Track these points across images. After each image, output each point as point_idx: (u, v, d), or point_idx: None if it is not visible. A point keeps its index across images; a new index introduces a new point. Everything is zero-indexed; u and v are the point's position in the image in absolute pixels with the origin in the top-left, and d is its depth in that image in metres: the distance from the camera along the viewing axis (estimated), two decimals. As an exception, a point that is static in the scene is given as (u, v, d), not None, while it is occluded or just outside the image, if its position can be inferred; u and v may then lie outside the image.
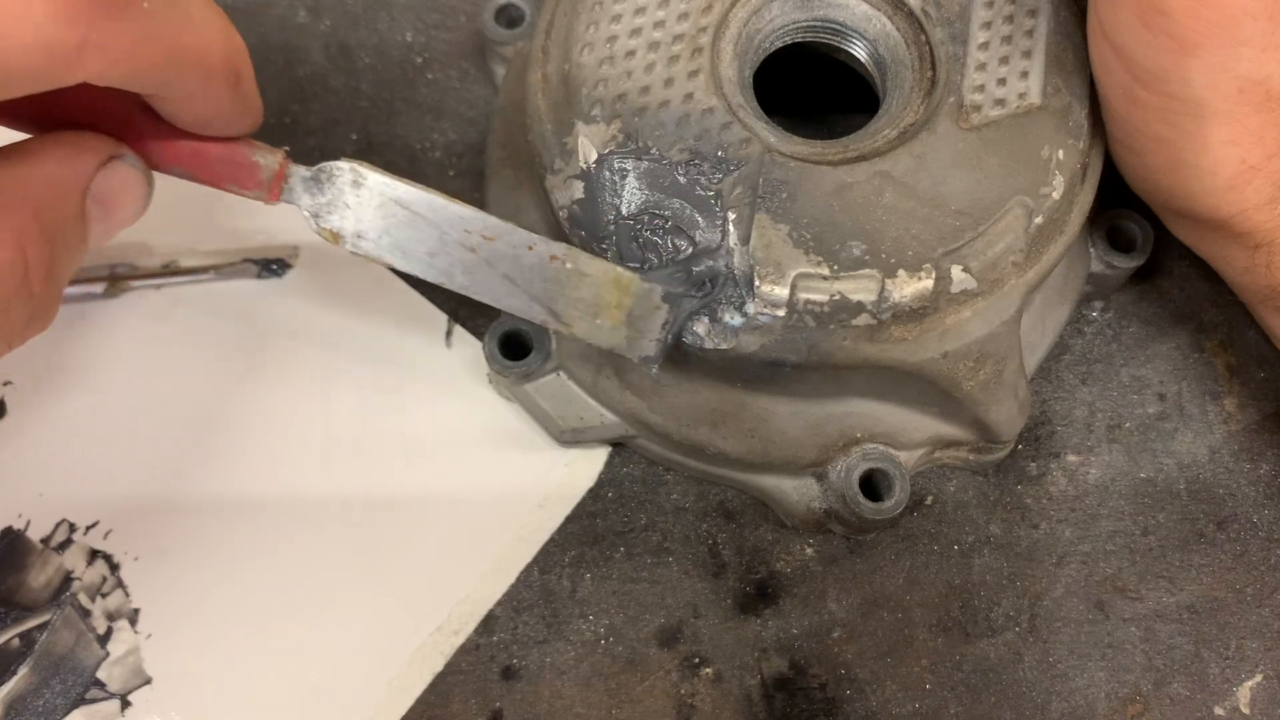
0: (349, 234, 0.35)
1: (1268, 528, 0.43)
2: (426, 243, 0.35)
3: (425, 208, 0.35)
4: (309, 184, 0.34)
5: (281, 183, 0.34)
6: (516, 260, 0.36)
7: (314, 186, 0.34)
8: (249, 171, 0.34)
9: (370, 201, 0.34)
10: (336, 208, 0.35)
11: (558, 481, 0.43)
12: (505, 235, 0.35)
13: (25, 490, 0.42)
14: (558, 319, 0.36)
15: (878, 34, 0.41)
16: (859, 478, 0.39)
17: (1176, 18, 0.33)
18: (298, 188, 0.34)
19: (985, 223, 0.36)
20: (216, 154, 0.33)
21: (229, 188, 0.34)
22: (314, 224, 0.35)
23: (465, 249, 0.35)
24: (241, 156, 0.33)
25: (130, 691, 0.40)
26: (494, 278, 0.36)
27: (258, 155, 0.34)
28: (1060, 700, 0.40)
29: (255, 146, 0.34)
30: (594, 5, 0.39)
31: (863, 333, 0.36)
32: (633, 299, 0.36)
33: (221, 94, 0.31)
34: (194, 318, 0.45)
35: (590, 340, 0.37)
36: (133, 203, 0.32)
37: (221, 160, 0.33)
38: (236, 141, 0.33)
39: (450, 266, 0.35)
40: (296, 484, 0.43)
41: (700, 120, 0.37)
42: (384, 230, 0.35)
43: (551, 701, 0.40)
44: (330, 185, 0.34)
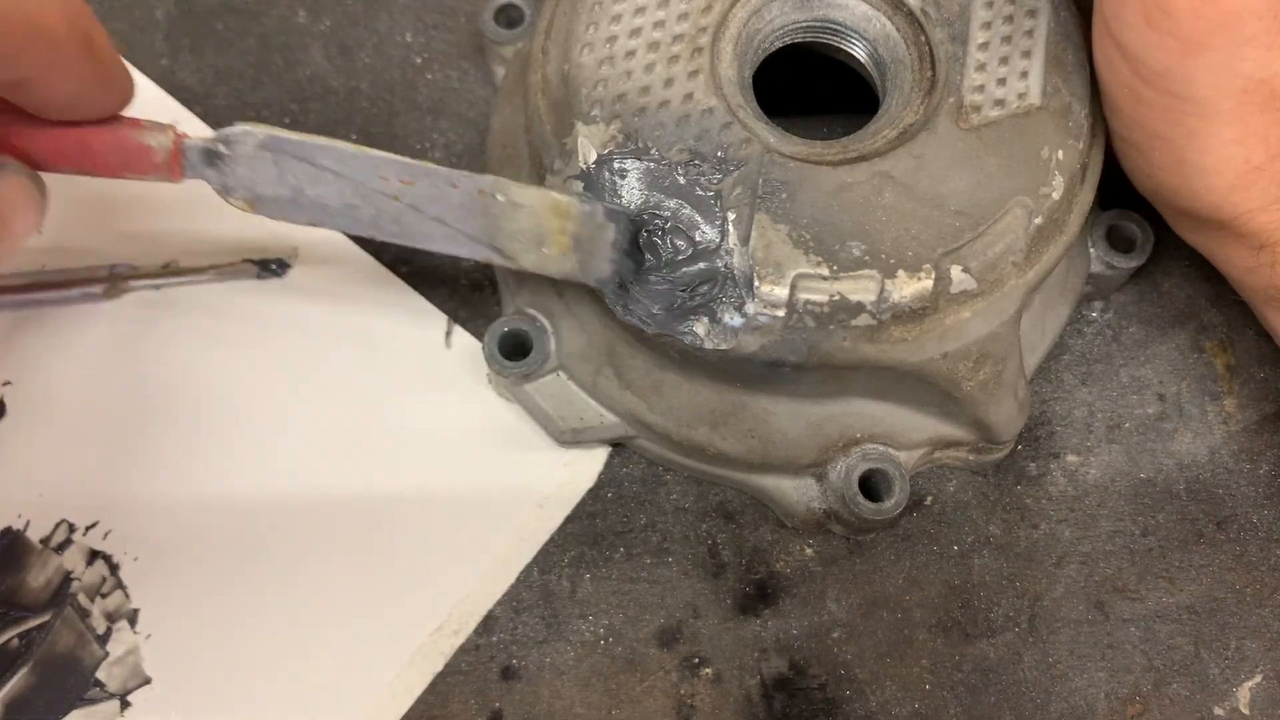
0: (264, 202, 0.33)
1: (1268, 528, 0.43)
2: (345, 197, 0.33)
3: (335, 161, 0.33)
4: (210, 157, 0.32)
5: (180, 160, 0.32)
6: (444, 200, 0.34)
7: (215, 158, 0.32)
8: (141, 155, 0.32)
9: (277, 163, 0.32)
10: (243, 175, 0.33)
11: (558, 481, 0.43)
12: (425, 176, 0.34)
13: (25, 490, 0.42)
14: (501, 254, 0.35)
15: (877, 34, 0.41)
16: (859, 478, 0.39)
17: (1181, 17, 0.33)
18: (198, 162, 0.32)
19: (985, 223, 0.36)
20: (102, 142, 0.31)
21: (127, 175, 0.32)
22: (223, 197, 0.33)
23: (387, 197, 0.33)
24: (128, 140, 0.31)
25: (130, 692, 0.40)
26: (425, 222, 0.34)
27: (146, 137, 0.31)
28: (1060, 700, 0.40)
29: (142, 127, 0.32)
30: (594, 5, 0.39)
31: (862, 333, 0.36)
32: (575, 222, 0.35)
33: (76, 64, 0.28)
34: (193, 318, 0.45)
35: (541, 271, 0.35)
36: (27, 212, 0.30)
37: (109, 148, 0.31)
38: (119, 124, 0.31)
39: (376, 218, 0.34)
40: (296, 484, 0.43)
41: (700, 120, 0.37)
42: (297, 190, 0.33)
43: (551, 702, 0.40)
44: (233, 155, 0.32)
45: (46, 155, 0.31)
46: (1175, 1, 0.33)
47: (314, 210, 0.33)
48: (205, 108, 0.49)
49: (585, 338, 0.41)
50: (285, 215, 0.33)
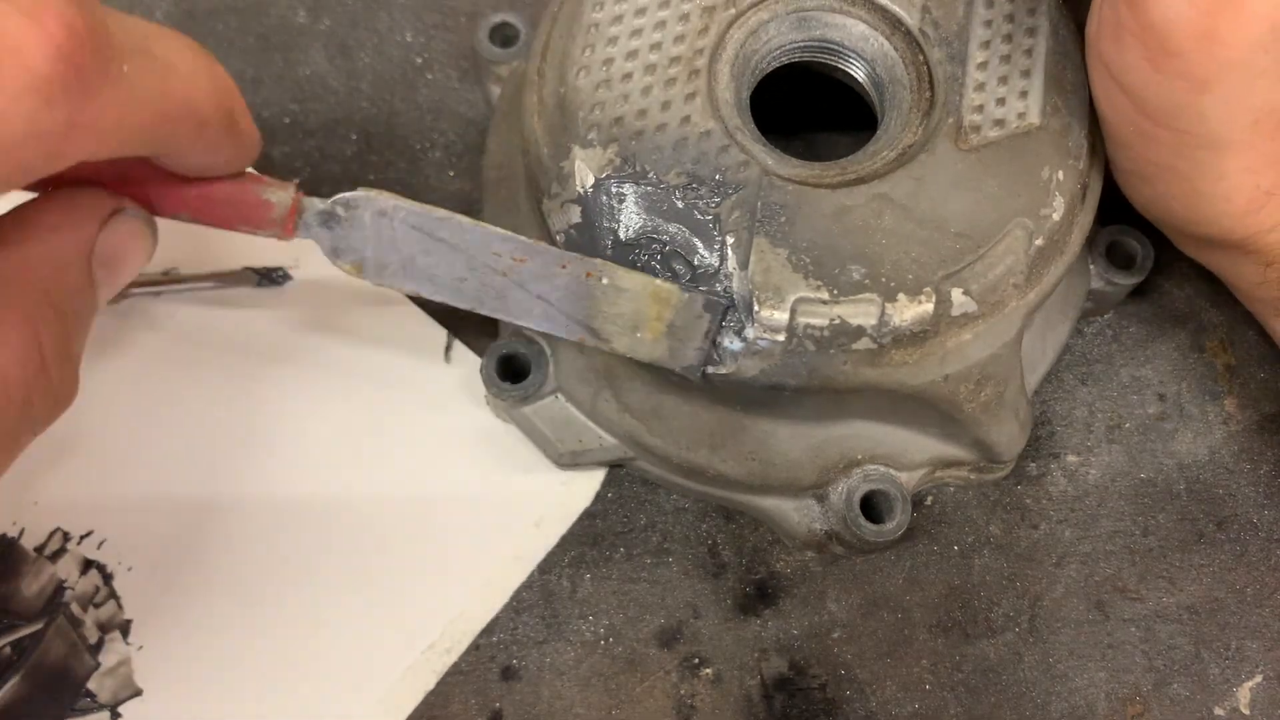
0: (371, 266, 0.33)
1: (1268, 528, 0.43)
2: (455, 269, 0.33)
3: (451, 233, 0.33)
4: (325, 217, 0.33)
5: (295, 218, 0.32)
6: (550, 280, 0.34)
7: (331, 220, 0.33)
8: (260, 211, 0.32)
9: (392, 231, 0.33)
10: (356, 239, 0.33)
11: (554, 500, 0.43)
12: (536, 256, 0.34)
13: (20, 497, 0.42)
14: (596, 336, 0.35)
15: (875, 54, 0.41)
16: (860, 499, 0.39)
17: (1188, 57, 0.32)
18: (313, 222, 0.33)
19: (985, 245, 0.36)
20: (223, 195, 0.31)
21: (241, 228, 0.32)
22: (331, 259, 0.33)
23: (495, 273, 0.34)
24: (250, 196, 0.32)
25: (120, 703, 0.39)
26: (527, 300, 0.34)
27: (267, 193, 0.32)
28: (1060, 700, 0.40)
29: (264, 183, 0.32)
30: (589, 28, 0.39)
31: (863, 357, 0.36)
32: (673, 311, 0.35)
33: (219, 139, 0.29)
34: (193, 326, 0.45)
35: (631, 355, 0.36)
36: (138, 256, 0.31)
37: (229, 202, 0.31)
38: (243, 180, 0.32)
39: (480, 292, 0.34)
40: (292, 499, 0.42)
41: (697, 143, 0.37)
42: (408, 259, 0.33)
43: (551, 702, 0.40)
44: (349, 218, 0.33)
45: (166, 203, 0.31)
46: (1181, 42, 0.32)
47: (421, 279, 0.34)
48: (205, 108, 0.49)
49: (584, 360, 0.40)
50: (390, 281, 0.33)
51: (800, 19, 0.41)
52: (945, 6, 0.40)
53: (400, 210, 0.33)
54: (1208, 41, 0.32)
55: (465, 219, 0.33)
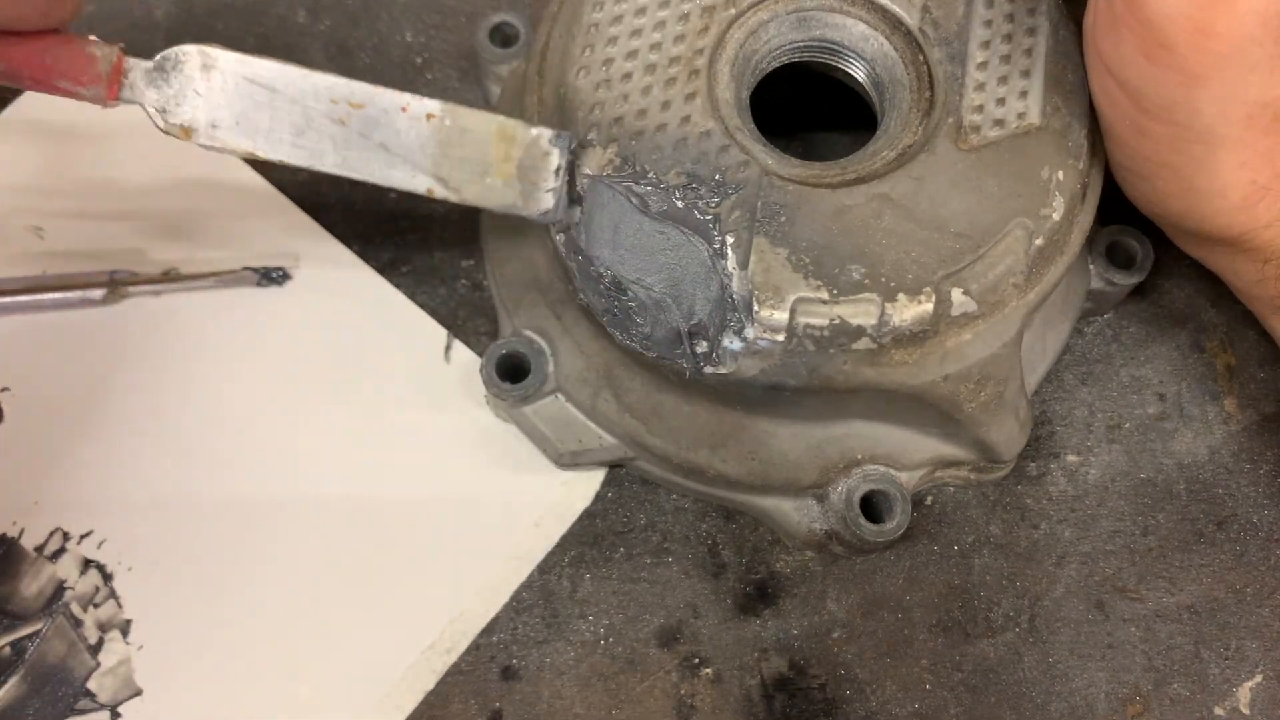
0: (202, 125, 0.32)
1: (1268, 528, 0.43)
2: (290, 122, 0.32)
3: (284, 83, 0.32)
4: (152, 76, 0.31)
5: (120, 78, 0.31)
6: (391, 126, 0.33)
7: (158, 78, 0.31)
8: (83, 65, 0.31)
9: (223, 85, 0.32)
10: (185, 98, 0.32)
11: (554, 501, 0.43)
12: (375, 99, 0.33)
13: (20, 497, 0.42)
14: (445, 185, 0.34)
15: (875, 54, 0.41)
16: (860, 499, 0.39)
17: (1182, 51, 0.33)
18: (139, 82, 0.31)
19: (985, 245, 0.36)
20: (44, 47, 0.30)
21: (61, 85, 0.31)
22: (161, 120, 0.32)
23: (333, 122, 0.33)
24: (74, 49, 0.30)
25: (120, 703, 0.39)
26: (369, 150, 0.33)
27: (91, 48, 0.31)
28: (1060, 700, 0.40)
29: (88, 40, 0.31)
30: (589, 28, 0.39)
31: (863, 356, 0.36)
32: (520, 148, 0.34)
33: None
34: (193, 326, 0.45)
35: (483, 204, 0.35)
36: None
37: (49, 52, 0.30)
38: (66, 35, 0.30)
39: (319, 144, 0.33)
40: (291, 498, 0.43)
41: (697, 143, 0.37)
42: (241, 115, 0.32)
43: (551, 701, 0.40)
44: (177, 74, 0.31)
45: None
46: (1175, 36, 0.32)
47: (255, 136, 0.32)
48: (205, 108, 0.49)
49: (584, 360, 0.40)
50: (225, 142, 0.32)
51: (800, 19, 0.41)
52: (945, 6, 0.40)
53: (228, 60, 0.32)
54: (1201, 35, 0.32)
55: (297, 66, 0.32)
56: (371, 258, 0.47)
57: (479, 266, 0.47)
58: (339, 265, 0.46)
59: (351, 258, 0.46)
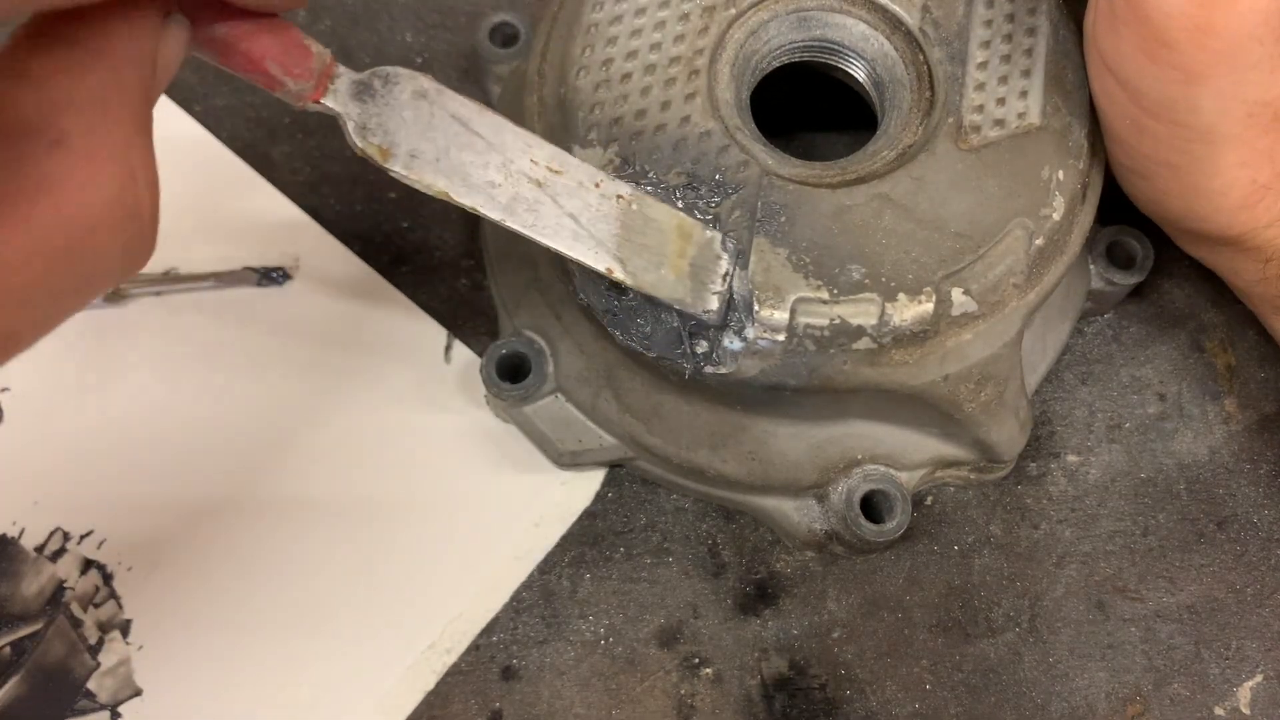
0: (401, 152, 0.31)
1: (1268, 528, 0.43)
2: (488, 171, 0.32)
3: (491, 130, 0.31)
4: (359, 88, 0.30)
5: (329, 81, 0.30)
6: (582, 198, 0.33)
7: (364, 91, 0.30)
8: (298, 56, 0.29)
9: (430, 116, 0.31)
10: (388, 118, 0.31)
11: (554, 500, 0.43)
12: (572, 169, 0.33)
13: (20, 497, 0.42)
14: (623, 267, 0.34)
15: (875, 54, 0.41)
16: (860, 499, 0.39)
17: (1182, 49, 0.33)
18: (344, 90, 0.30)
19: (985, 245, 0.36)
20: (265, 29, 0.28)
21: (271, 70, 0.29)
22: (357, 138, 0.31)
23: (529, 181, 0.32)
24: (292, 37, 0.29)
25: (120, 703, 0.39)
26: (559, 216, 0.33)
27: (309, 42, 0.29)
28: (1060, 700, 0.40)
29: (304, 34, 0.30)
30: (589, 28, 0.39)
31: (863, 356, 0.36)
32: (695, 248, 0.34)
33: None
34: (193, 326, 0.45)
35: (654, 293, 0.35)
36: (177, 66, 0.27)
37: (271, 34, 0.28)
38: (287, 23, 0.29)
39: (513, 201, 0.32)
40: (291, 498, 0.43)
41: (697, 143, 0.37)
42: (443, 151, 0.31)
43: (551, 702, 0.40)
44: (385, 93, 0.30)
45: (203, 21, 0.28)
46: (1175, 34, 0.32)
47: (451, 176, 0.31)
48: (205, 107, 0.49)
49: (584, 360, 0.40)
50: (419, 173, 0.31)
51: (800, 19, 0.41)
52: (945, 6, 0.40)
53: (442, 95, 0.31)
54: (1201, 33, 0.32)
55: (503, 118, 0.32)
56: (371, 258, 0.46)
57: (479, 266, 0.47)
58: (339, 265, 0.46)
59: (351, 258, 0.46)
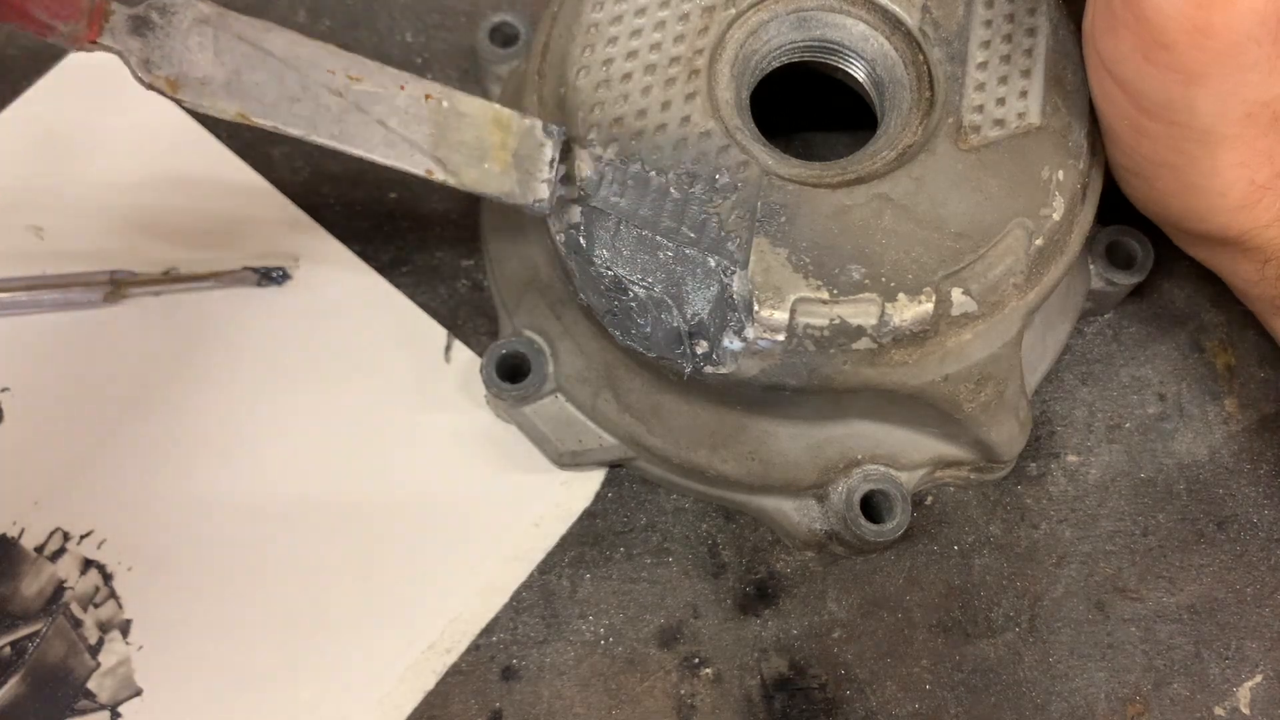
0: (191, 82, 0.30)
1: (1268, 528, 0.43)
2: (286, 88, 0.31)
3: (281, 46, 0.31)
4: (137, 23, 0.29)
5: (103, 19, 0.28)
6: (389, 102, 0.32)
7: (143, 26, 0.29)
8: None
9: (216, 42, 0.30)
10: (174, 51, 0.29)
11: (554, 501, 0.43)
12: (373, 74, 0.32)
13: (20, 497, 0.42)
14: (443, 166, 0.33)
15: (875, 54, 0.41)
16: (860, 499, 0.39)
17: (1180, 50, 0.33)
18: (122, 27, 0.29)
19: (985, 245, 0.36)
20: None
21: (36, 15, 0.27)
22: (143, 73, 0.29)
23: (330, 92, 0.31)
24: None
25: (120, 703, 0.39)
26: (367, 124, 0.32)
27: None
28: (1060, 700, 0.40)
29: None
30: (589, 28, 0.39)
31: (863, 356, 0.36)
32: (515, 138, 0.34)
33: None
34: (193, 325, 0.45)
35: (480, 189, 0.34)
36: None
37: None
38: None
39: (315, 114, 0.31)
40: (292, 498, 0.42)
41: (697, 143, 0.37)
42: (233, 74, 0.30)
43: (551, 702, 0.40)
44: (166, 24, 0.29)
45: None
46: (1173, 35, 0.32)
47: (247, 99, 0.30)
48: (205, 108, 0.49)
49: (584, 360, 0.40)
50: (211, 102, 0.30)
51: (800, 19, 0.41)
52: (945, 6, 0.40)
53: (225, 18, 0.30)
54: (1199, 34, 0.32)
55: (294, 33, 0.31)
56: (371, 258, 0.47)
57: (479, 266, 0.47)
58: (339, 265, 0.46)
59: (351, 258, 0.46)
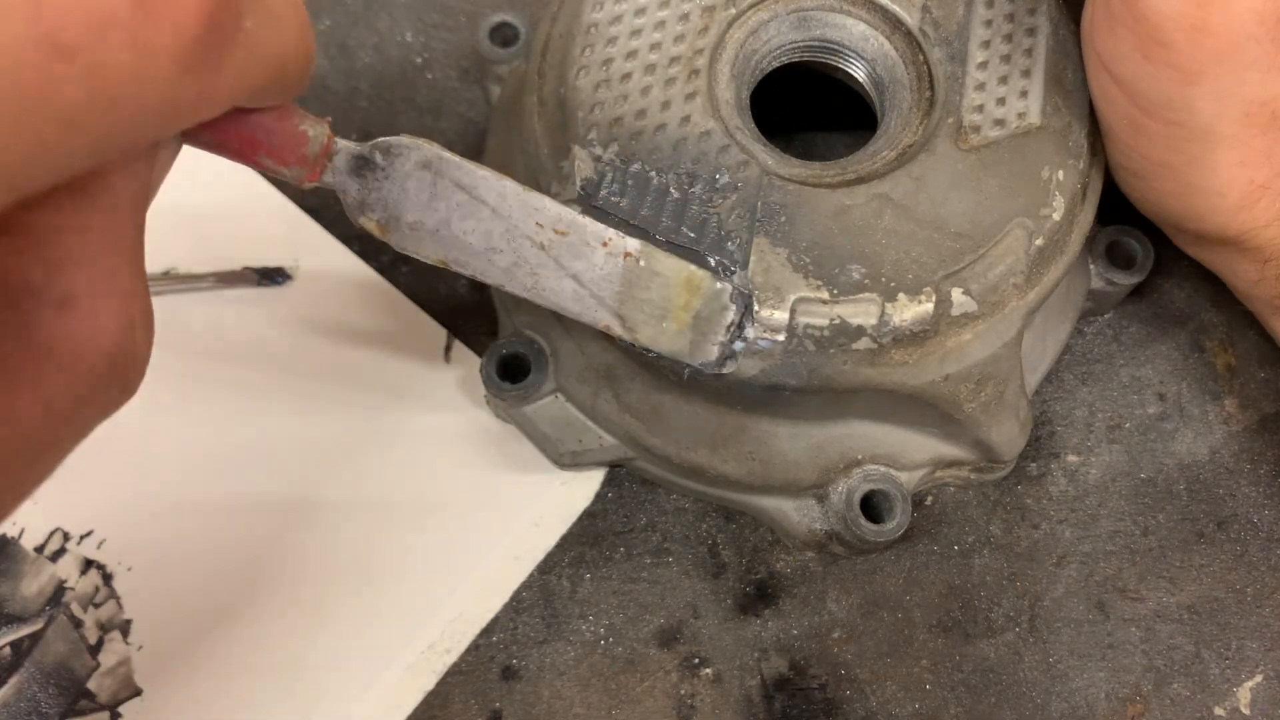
0: (401, 225, 0.29)
1: (1268, 528, 0.43)
2: (491, 238, 0.30)
3: (496, 196, 0.30)
4: (359, 163, 0.29)
5: (326, 160, 0.28)
6: (587, 258, 0.31)
7: (364, 167, 0.29)
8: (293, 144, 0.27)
9: (433, 188, 0.29)
10: (389, 192, 0.29)
11: (554, 500, 0.43)
12: (579, 230, 0.31)
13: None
14: (623, 324, 0.33)
15: (875, 54, 0.41)
16: (860, 499, 0.39)
17: (1179, 48, 0.33)
18: (343, 167, 0.28)
19: (985, 245, 0.36)
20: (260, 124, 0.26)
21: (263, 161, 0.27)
22: (356, 214, 0.29)
23: (533, 245, 0.31)
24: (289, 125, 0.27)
25: (120, 703, 0.39)
26: (561, 279, 0.31)
27: (305, 125, 0.27)
28: (1060, 700, 0.40)
29: (301, 114, 0.27)
30: (589, 28, 0.39)
31: (863, 356, 0.36)
32: (702, 300, 0.33)
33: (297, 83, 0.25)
34: (192, 326, 0.45)
35: (652, 346, 0.34)
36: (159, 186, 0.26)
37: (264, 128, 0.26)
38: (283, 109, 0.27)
39: (515, 266, 0.31)
40: (291, 497, 0.42)
41: (697, 143, 0.37)
42: (444, 222, 0.30)
43: (551, 702, 0.40)
44: (386, 166, 0.29)
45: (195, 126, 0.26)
46: (1172, 34, 0.32)
47: (452, 247, 0.30)
48: (205, 108, 0.49)
49: (584, 360, 0.40)
50: (417, 247, 0.30)
51: (800, 19, 0.41)
52: (945, 6, 0.40)
53: (448, 164, 0.29)
54: (1198, 33, 0.32)
55: (511, 181, 0.30)
56: (371, 258, 0.47)
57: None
58: (339, 265, 0.46)
59: (351, 258, 0.46)
